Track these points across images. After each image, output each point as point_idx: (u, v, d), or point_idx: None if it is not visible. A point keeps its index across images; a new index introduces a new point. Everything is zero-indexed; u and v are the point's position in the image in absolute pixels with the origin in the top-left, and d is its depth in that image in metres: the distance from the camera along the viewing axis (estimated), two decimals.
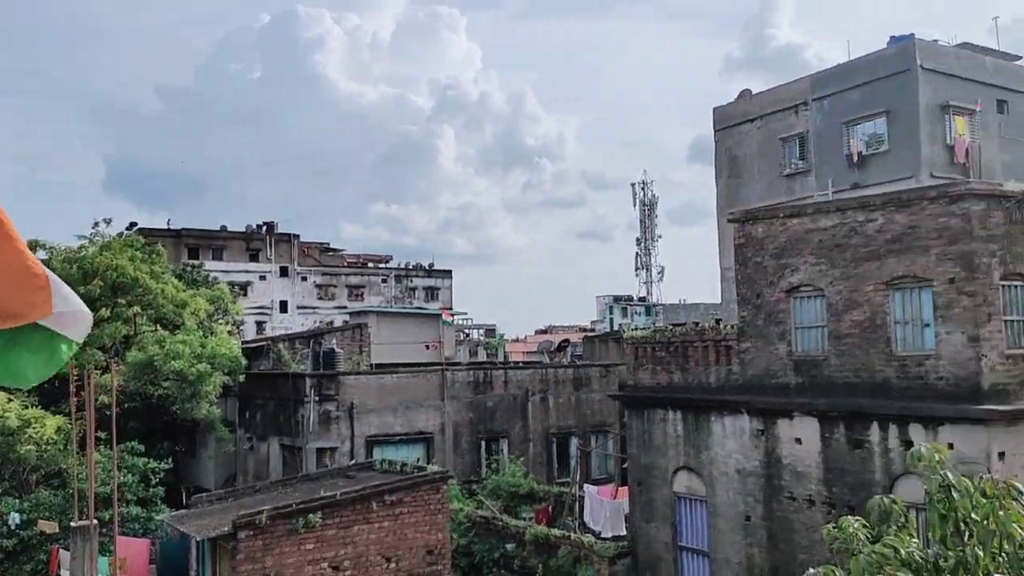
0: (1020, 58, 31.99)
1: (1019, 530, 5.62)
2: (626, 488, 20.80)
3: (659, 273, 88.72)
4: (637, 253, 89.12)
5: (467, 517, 22.14)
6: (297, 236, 74.63)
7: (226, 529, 16.07)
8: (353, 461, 23.67)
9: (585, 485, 24.02)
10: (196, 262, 55.70)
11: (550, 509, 23.57)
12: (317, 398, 25.64)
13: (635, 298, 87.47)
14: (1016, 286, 13.79)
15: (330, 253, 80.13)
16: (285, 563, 16.11)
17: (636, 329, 27.87)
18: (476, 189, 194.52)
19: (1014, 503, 5.50)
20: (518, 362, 53.40)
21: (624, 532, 20.92)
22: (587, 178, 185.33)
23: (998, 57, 30.75)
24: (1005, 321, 13.54)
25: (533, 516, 23.10)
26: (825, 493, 15.09)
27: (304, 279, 74.19)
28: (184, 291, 31.22)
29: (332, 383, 26.04)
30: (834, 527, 6.39)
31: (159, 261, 31.58)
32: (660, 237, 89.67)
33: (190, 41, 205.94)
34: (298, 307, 72.92)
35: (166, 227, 69.45)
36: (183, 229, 69.32)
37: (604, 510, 21.85)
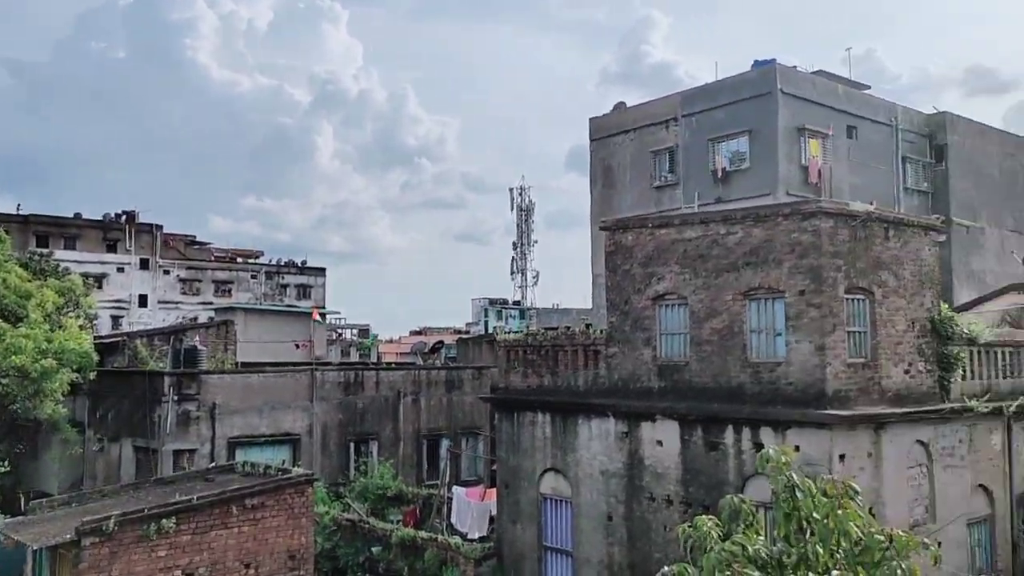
0: (869, 88, 34.51)
1: (855, 528, 6.03)
2: (494, 490, 20.94)
3: (534, 277, 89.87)
4: (513, 257, 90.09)
5: (333, 520, 21.67)
6: (160, 227, 70.99)
7: (68, 536, 15.02)
8: (213, 463, 22.68)
9: (454, 487, 24.02)
10: (45, 250, 51.88)
11: (418, 511, 23.43)
12: (176, 397, 24.42)
13: (510, 301, 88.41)
14: (858, 299, 14.83)
15: (196, 246, 76.70)
16: (134, 571, 15.21)
17: (509, 332, 28.14)
18: (354, 187, 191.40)
19: (851, 503, 5.91)
20: (391, 363, 52.79)
21: (488, 533, 21.07)
22: (467, 180, 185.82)
23: (850, 86, 33.04)
24: (848, 332, 14.53)
25: (401, 518, 22.88)
26: (682, 493, 15.71)
27: (167, 272, 70.66)
28: (30, 281, 28.98)
29: (193, 382, 24.87)
30: (689, 526, 6.64)
31: (2, 248, 29.23)
32: (536, 242, 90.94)
33: (46, 13, 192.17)
34: (159, 302, 69.37)
35: (14, 212, 64.57)
36: (31, 215, 64.62)
37: (471, 511, 21.92)
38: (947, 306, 16.85)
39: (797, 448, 13.76)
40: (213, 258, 76.42)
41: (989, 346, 17.04)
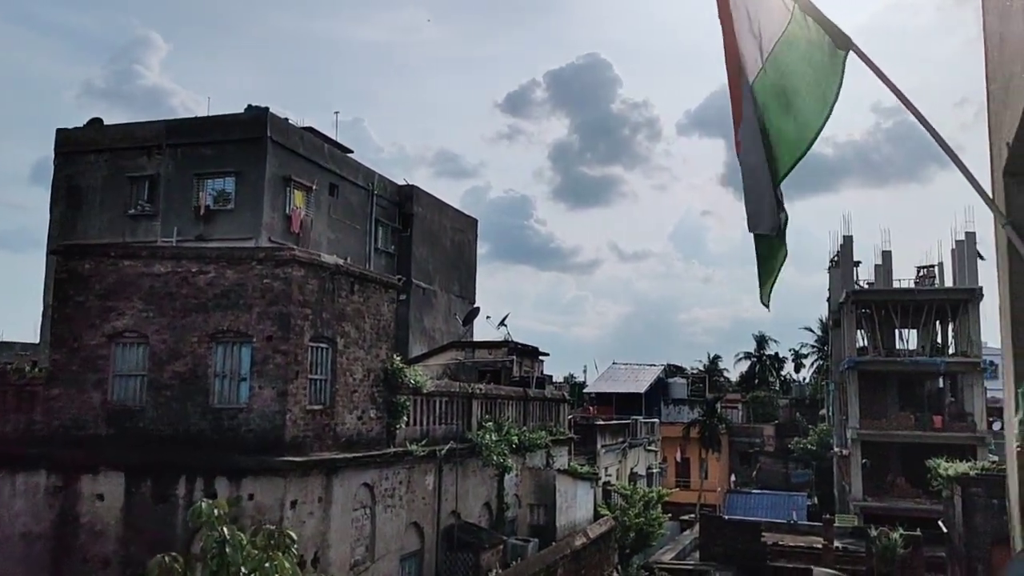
0: (352, 152, 37.07)
1: None
2: None
3: None
4: None
5: None
6: None
7: None
8: None
9: None
10: None
11: None
12: None
13: None
14: (322, 348, 15.46)
15: None
16: None
17: None
18: None
19: (280, 554, 5.90)
20: None
21: None
22: None
23: (336, 147, 35.08)
24: (310, 379, 15.01)
25: None
26: (122, 552, 14.28)
27: None
28: None
29: None
30: None
31: None
32: None
33: None
34: None
35: None
36: None
37: None
38: (400, 358, 18.58)
39: (251, 496, 13.64)
40: None
41: (430, 396, 19.22)
